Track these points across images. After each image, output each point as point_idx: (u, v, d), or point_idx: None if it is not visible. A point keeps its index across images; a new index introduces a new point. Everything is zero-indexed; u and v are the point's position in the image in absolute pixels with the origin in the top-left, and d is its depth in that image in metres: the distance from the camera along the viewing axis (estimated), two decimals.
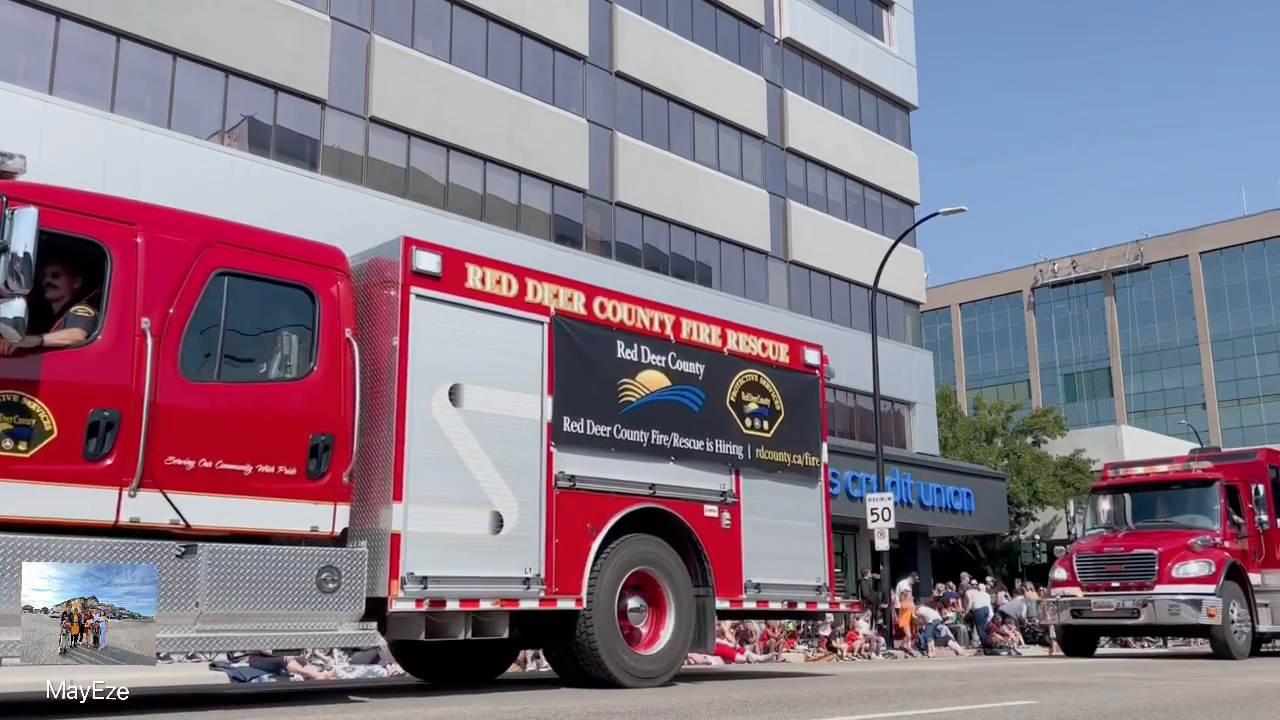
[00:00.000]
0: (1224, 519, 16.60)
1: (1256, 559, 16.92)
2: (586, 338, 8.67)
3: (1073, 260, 71.12)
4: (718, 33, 31.42)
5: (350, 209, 21.88)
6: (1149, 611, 15.85)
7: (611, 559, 8.41)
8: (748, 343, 10.22)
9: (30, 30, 18.80)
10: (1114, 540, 17.08)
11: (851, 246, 33.57)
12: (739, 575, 9.44)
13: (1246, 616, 16.23)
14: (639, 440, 8.85)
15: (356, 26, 23.20)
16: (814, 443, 10.47)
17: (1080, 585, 16.69)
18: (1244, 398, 64.06)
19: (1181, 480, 17.60)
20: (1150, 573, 15.96)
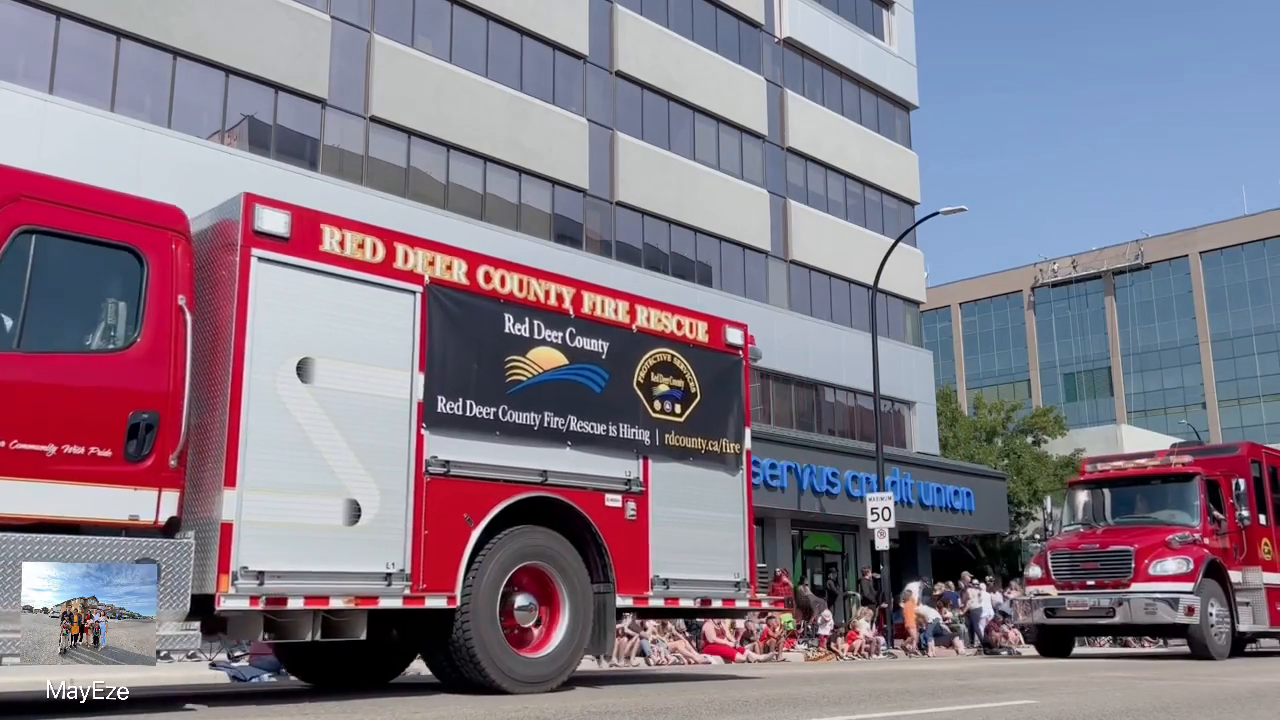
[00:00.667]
0: (1204, 515, 16.18)
1: (1237, 556, 16.49)
2: (467, 310, 7.95)
3: (1073, 260, 71.12)
4: (718, 32, 31.41)
5: (350, 209, 21.83)
6: (1124, 610, 15.37)
7: (495, 553, 7.71)
8: (660, 319, 9.42)
9: (30, 29, 18.79)
10: (1090, 537, 16.61)
11: (852, 246, 33.57)
12: (645, 570, 8.76)
13: (1226, 615, 15.79)
14: (529, 423, 8.14)
15: (356, 26, 23.20)
16: (734, 428, 9.78)
17: (1055, 584, 16.19)
18: (1244, 397, 64.06)
19: (1161, 475, 17.16)
20: (1126, 570, 15.50)
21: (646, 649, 17.31)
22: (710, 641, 19.04)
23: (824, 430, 31.77)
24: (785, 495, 26.89)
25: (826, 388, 32.52)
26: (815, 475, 27.42)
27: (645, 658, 17.18)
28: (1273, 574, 17.20)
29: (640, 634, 17.52)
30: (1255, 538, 16.93)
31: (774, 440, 27.47)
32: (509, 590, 7.91)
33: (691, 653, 18.15)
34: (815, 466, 27.53)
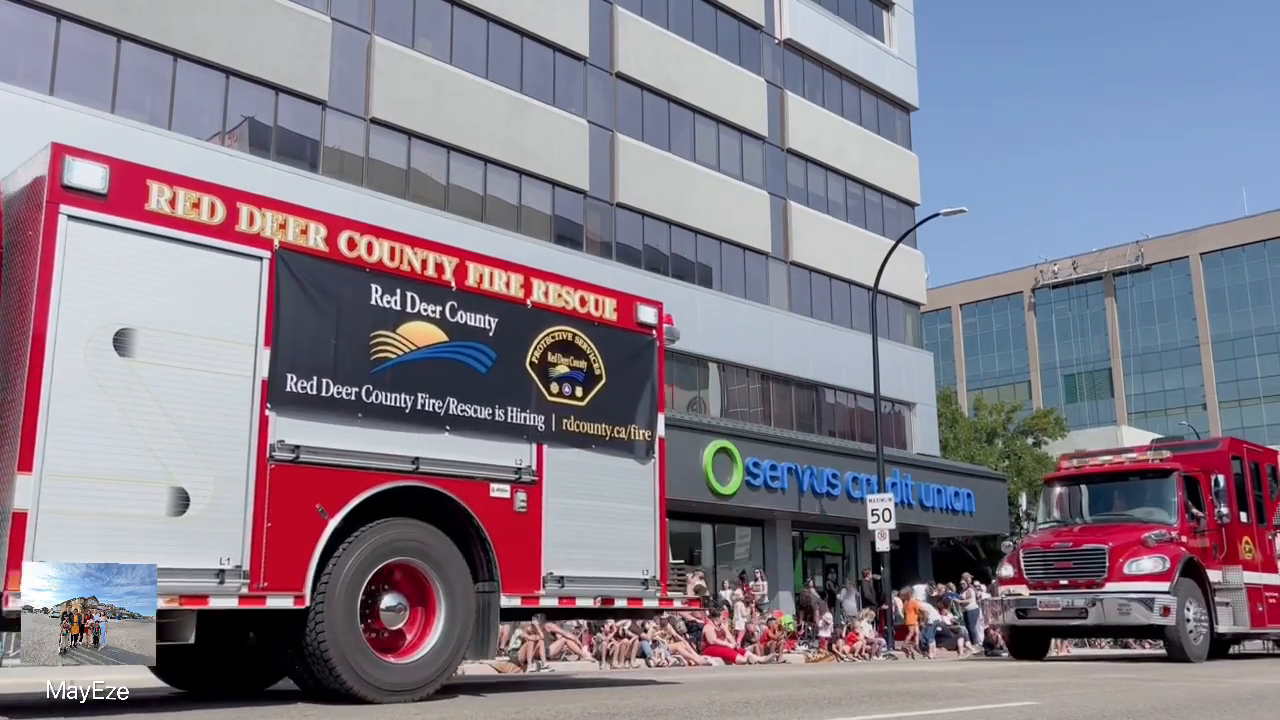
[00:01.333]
0: (1181, 512, 15.61)
1: (1217, 555, 15.95)
2: (326, 279, 7.21)
3: (1073, 261, 71.13)
4: (718, 33, 31.42)
5: (351, 210, 21.83)
6: (1098, 611, 14.75)
7: (355, 548, 6.99)
8: (560, 294, 8.70)
9: (31, 31, 18.80)
10: (1064, 535, 16.05)
11: (852, 247, 33.57)
12: (536, 567, 8.06)
13: (1204, 616, 15.23)
14: (399, 405, 7.42)
15: (357, 27, 23.20)
16: (645, 413, 9.12)
17: (1028, 583, 15.59)
18: (1245, 398, 64.04)
19: (1138, 471, 16.58)
20: (1100, 569, 14.90)
21: (647, 651, 17.31)
22: (711, 643, 19.04)
23: (824, 431, 31.76)
24: (786, 496, 26.88)
25: (827, 389, 32.51)
26: (816, 476, 27.42)
27: (645, 659, 17.18)
28: (1254, 573, 16.70)
29: (640, 636, 17.52)
30: (1236, 536, 16.42)
31: (774, 442, 27.46)
32: (375, 589, 7.22)
33: (692, 654, 18.15)
34: (816, 468, 27.53)
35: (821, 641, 21.55)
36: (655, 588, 8.90)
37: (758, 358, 30.14)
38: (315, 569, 6.79)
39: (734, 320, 29.46)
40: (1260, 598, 16.61)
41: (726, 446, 25.52)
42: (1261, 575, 16.83)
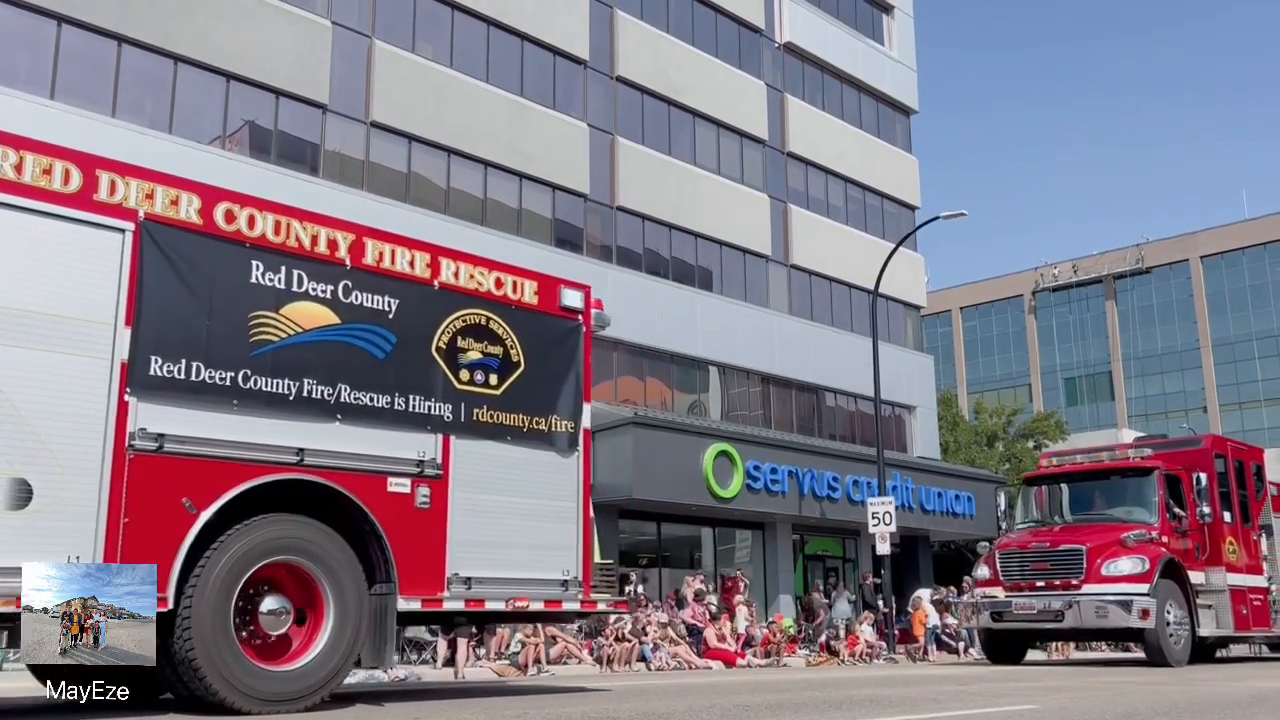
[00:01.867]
0: (1162, 512, 15.18)
1: (1199, 556, 15.53)
2: (198, 254, 6.66)
3: (1073, 264, 71.13)
4: (718, 37, 31.46)
5: (351, 213, 21.84)
6: (1074, 614, 14.31)
7: (229, 547, 6.44)
8: (474, 275, 8.20)
9: (31, 34, 18.84)
10: (1041, 535, 15.58)
11: (852, 250, 33.59)
12: (440, 567, 7.50)
13: (1185, 619, 14.75)
14: (282, 392, 6.88)
15: (357, 31, 23.23)
16: (569, 404, 8.59)
17: (1003, 585, 15.11)
18: (1245, 401, 64.00)
19: (1118, 469, 16.12)
20: (1077, 571, 14.44)
21: (647, 655, 17.30)
22: (711, 647, 19.04)
23: (825, 435, 31.76)
24: (786, 500, 26.87)
25: (827, 392, 32.52)
26: (816, 480, 27.41)
27: (646, 663, 17.17)
28: (1238, 575, 16.27)
29: (640, 640, 17.51)
30: (1219, 536, 15.99)
31: (775, 445, 27.46)
32: (254, 592, 6.71)
33: (693, 658, 18.14)
34: (816, 471, 27.52)
35: (821, 645, 21.53)
36: (577, 589, 8.32)
37: (758, 361, 30.14)
38: (181, 569, 6.25)
39: (734, 323, 29.46)
40: (1244, 600, 16.17)
41: (727, 449, 25.52)
42: (1246, 577, 16.41)
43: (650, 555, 27.50)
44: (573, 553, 8.35)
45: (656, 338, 27.48)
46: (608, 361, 26.77)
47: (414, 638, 17.99)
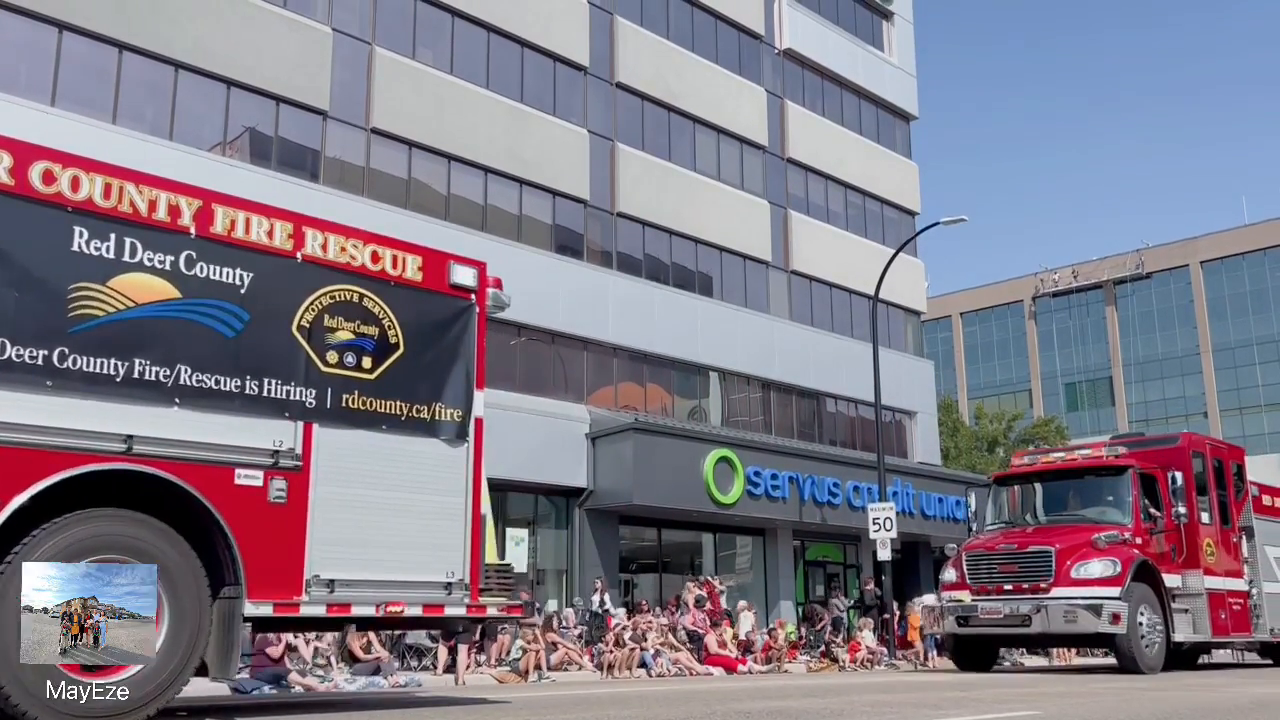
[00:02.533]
0: (1136, 512, 14.58)
1: (1175, 558, 14.97)
2: (8, 218, 6.06)
3: (1073, 269, 71.17)
4: (718, 43, 31.51)
5: (351, 220, 21.84)
6: (1042, 618, 13.65)
7: (37, 545, 5.77)
8: (345, 248, 7.52)
9: (32, 41, 18.86)
10: (1010, 537, 14.94)
11: (852, 256, 33.61)
12: (298, 568, 6.81)
13: (1159, 624, 14.14)
14: (107, 372, 6.21)
15: (357, 38, 23.27)
16: (457, 390, 7.86)
17: (970, 588, 14.46)
18: (1245, 406, 63.99)
19: (1091, 468, 15.45)
20: (1046, 573, 13.79)
21: (648, 661, 17.29)
22: (712, 653, 19.02)
23: (825, 440, 31.76)
24: (787, 506, 26.87)
25: (827, 398, 32.52)
26: (817, 485, 27.42)
27: (646, 669, 17.15)
28: (1216, 578, 15.69)
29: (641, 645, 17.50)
30: (1196, 538, 15.42)
31: (775, 451, 27.46)
32: None
33: (694, 664, 18.13)
34: (817, 477, 27.52)
35: (822, 651, 21.51)
36: (463, 593, 7.57)
37: (758, 367, 30.15)
38: None
39: (735, 329, 29.47)
40: (1223, 604, 15.62)
41: (727, 455, 25.53)
42: (1225, 580, 15.87)
43: (650, 561, 27.50)
44: (459, 553, 7.61)
45: (657, 343, 27.49)
46: (608, 367, 26.78)
47: (415, 644, 17.97)
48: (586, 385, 26.04)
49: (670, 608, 21.78)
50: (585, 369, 26.14)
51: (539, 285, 25.03)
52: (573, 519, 25.13)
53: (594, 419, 25.20)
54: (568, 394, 25.42)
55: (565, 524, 25.28)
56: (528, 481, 24.17)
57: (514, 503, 24.84)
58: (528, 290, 24.69)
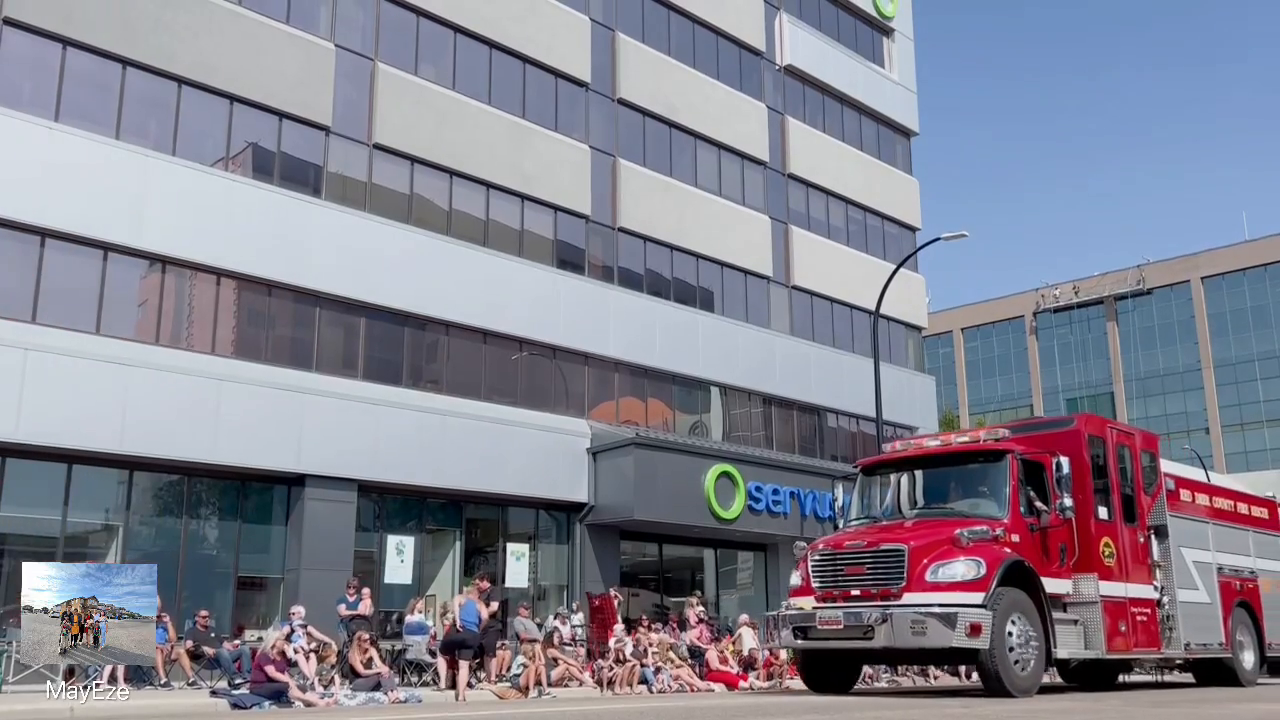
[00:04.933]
0: (1014, 505, 12.36)
1: (1064, 560, 12.76)
2: None
3: (1074, 285, 71.25)
4: (719, 60, 31.63)
5: (353, 235, 21.96)
6: (887, 630, 11.36)
7: None
8: None
9: (36, 57, 18.94)
10: (862, 533, 12.77)
11: (853, 271, 33.65)
12: None
13: (1034, 636, 11.80)
14: None
15: (360, 54, 23.36)
16: None
17: (815, 594, 12.26)
18: (1247, 422, 63.92)
19: (965, 454, 13.26)
20: (898, 576, 11.59)
21: (649, 677, 17.24)
22: (713, 669, 18.96)
23: (826, 456, 31.72)
24: (788, 521, 26.83)
25: (829, 413, 32.51)
26: (818, 501, 27.38)
27: (647, 685, 17.09)
28: (1116, 584, 13.37)
29: (642, 662, 17.45)
30: (1092, 536, 13.17)
31: (776, 465, 27.44)
32: None
33: (694, 680, 18.07)
34: (818, 492, 27.49)
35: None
36: None
37: (759, 381, 30.15)
38: None
39: (735, 344, 29.49)
40: (1123, 614, 13.31)
41: (728, 470, 25.50)
42: (1127, 586, 13.49)
43: (652, 576, 27.45)
44: None
45: (658, 358, 27.51)
46: (609, 382, 26.79)
47: (416, 660, 17.95)
48: (588, 400, 26.04)
49: (673, 624, 21.73)
50: (586, 383, 26.14)
51: (540, 300, 25.10)
52: (574, 534, 25.10)
53: (595, 433, 25.18)
54: (569, 408, 25.43)
55: (566, 539, 25.24)
56: (528, 496, 24.16)
57: (515, 517, 24.82)
58: (529, 305, 24.80)
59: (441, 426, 22.51)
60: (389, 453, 21.53)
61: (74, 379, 17.89)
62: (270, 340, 21.07)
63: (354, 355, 22.06)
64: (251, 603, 20.93)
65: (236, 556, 20.54)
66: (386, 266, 22.26)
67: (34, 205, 18.00)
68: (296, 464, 20.33)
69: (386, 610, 21.25)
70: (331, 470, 20.72)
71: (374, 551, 21.97)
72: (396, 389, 22.22)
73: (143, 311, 19.89)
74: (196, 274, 20.29)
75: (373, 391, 21.71)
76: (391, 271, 22.35)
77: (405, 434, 21.86)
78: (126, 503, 19.31)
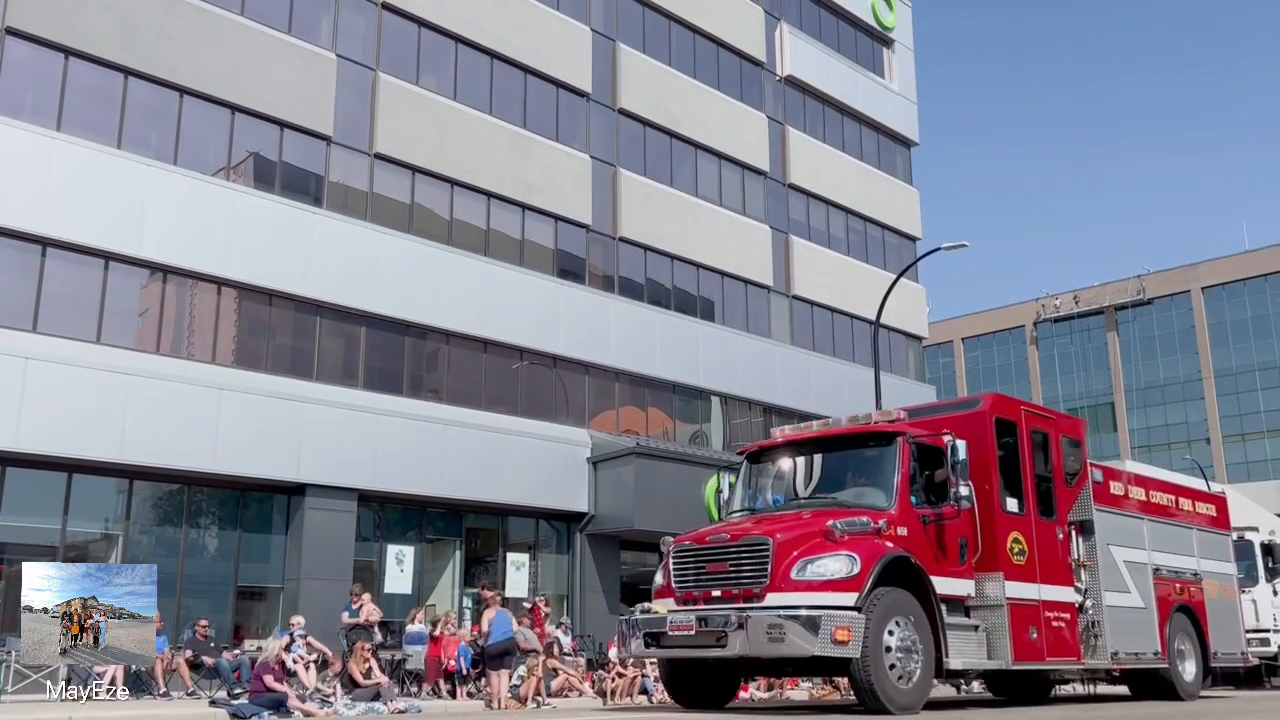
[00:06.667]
0: (903, 493, 10.72)
1: (964, 556, 11.08)
2: None
3: (1074, 295, 71.24)
4: (720, 70, 31.70)
5: (354, 244, 21.98)
6: (742, 637, 9.67)
7: None
8: None
9: (38, 67, 18.99)
10: (729, 526, 11.34)
11: (854, 281, 33.67)
12: None
13: (918, 645, 10.07)
14: None
15: (361, 64, 23.42)
16: None
17: (676, 595, 10.72)
18: (1248, 432, 63.85)
19: (853, 436, 11.65)
20: (761, 574, 9.96)
21: (649, 687, 17.18)
22: None
23: None
24: None
25: None
26: None
27: (648, 695, 17.04)
28: (1026, 585, 11.64)
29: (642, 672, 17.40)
30: (998, 531, 11.43)
31: None
32: None
33: None
34: None
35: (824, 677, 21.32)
36: None
37: (760, 391, 30.15)
38: None
39: (736, 353, 29.49)
40: (1035, 619, 11.66)
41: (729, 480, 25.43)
42: (1040, 588, 11.84)
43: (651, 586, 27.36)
44: None
45: (658, 368, 27.51)
46: (609, 391, 26.78)
47: (416, 670, 17.92)
48: (588, 409, 26.03)
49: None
50: (587, 393, 26.14)
51: (541, 309, 25.10)
52: (574, 543, 25.07)
53: (595, 443, 25.17)
54: (569, 418, 25.42)
55: (566, 549, 25.21)
56: (529, 506, 24.14)
57: (515, 527, 24.79)
58: (529, 314, 24.81)
59: (442, 436, 22.50)
60: (389, 462, 21.51)
61: (74, 388, 17.89)
62: (271, 350, 21.08)
63: (354, 365, 22.06)
64: (251, 612, 20.90)
65: (236, 566, 20.51)
66: (387, 276, 22.27)
67: (35, 214, 18.02)
68: (296, 473, 20.32)
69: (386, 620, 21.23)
70: (331, 480, 20.70)
71: (374, 561, 21.95)
72: (397, 398, 22.22)
73: (143, 321, 19.90)
74: (197, 283, 20.30)
75: (373, 401, 21.71)
76: (392, 281, 22.37)
77: (405, 443, 21.85)
78: (126, 512, 19.29)
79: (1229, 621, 15.56)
